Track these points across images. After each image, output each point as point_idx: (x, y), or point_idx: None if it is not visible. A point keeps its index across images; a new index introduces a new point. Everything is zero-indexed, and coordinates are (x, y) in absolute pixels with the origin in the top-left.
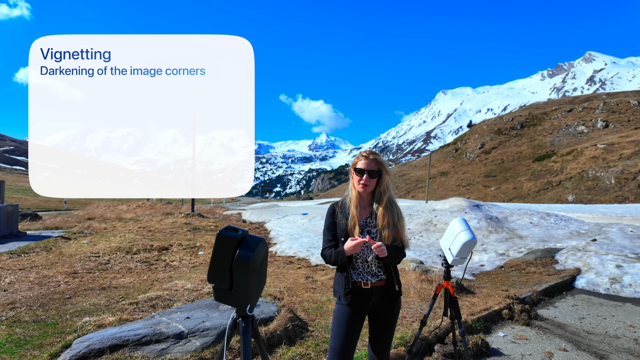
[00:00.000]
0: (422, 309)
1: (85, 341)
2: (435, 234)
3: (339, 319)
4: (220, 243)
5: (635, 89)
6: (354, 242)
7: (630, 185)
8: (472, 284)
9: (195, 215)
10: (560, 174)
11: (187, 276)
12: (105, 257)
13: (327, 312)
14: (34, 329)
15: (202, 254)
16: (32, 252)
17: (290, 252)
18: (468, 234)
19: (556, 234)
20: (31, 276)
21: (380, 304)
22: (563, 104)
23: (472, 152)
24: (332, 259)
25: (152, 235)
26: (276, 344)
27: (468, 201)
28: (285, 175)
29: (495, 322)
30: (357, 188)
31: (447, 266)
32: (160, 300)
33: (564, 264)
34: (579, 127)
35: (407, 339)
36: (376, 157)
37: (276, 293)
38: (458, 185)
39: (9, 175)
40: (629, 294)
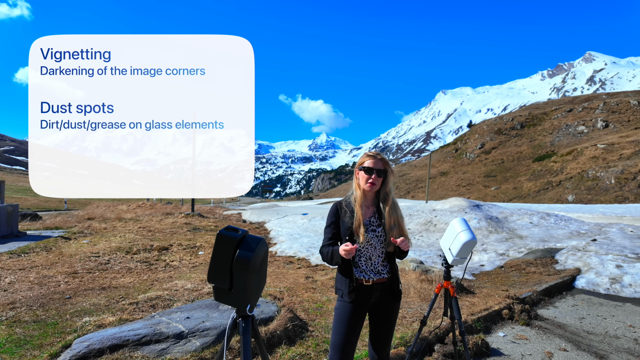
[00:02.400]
0: (422, 309)
1: (85, 341)
2: (435, 234)
3: (341, 315)
4: (220, 243)
5: (635, 89)
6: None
7: (630, 185)
8: (472, 284)
9: (195, 215)
10: (560, 174)
11: (187, 276)
12: (105, 257)
13: (327, 312)
14: (34, 329)
15: (202, 254)
16: (32, 252)
17: (290, 252)
18: (468, 234)
19: (556, 234)
20: (31, 276)
21: (381, 301)
22: (563, 104)
23: (472, 152)
24: (328, 257)
25: (152, 235)
26: (276, 344)
27: (468, 201)
28: (285, 175)
29: (495, 322)
30: (363, 187)
31: (447, 266)
32: (160, 300)
33: (564, 264)
34: (579, 127)
35: (407, 338)
36: (383, 157)
37: (276, 293)
38: (458, 185)
39: (9, 175)
40: (629, 294)
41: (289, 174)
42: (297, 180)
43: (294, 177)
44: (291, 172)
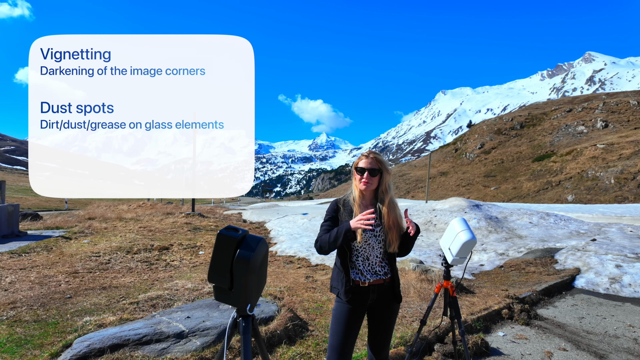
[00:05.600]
0: (422, 308)
1: (85, 340)
2: (435, 233)
3: (338, 316)
4: (221, 243)
5: (634, 89)
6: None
7: (630, 185)
8: (471, 284)
9: (196, 215)
10: (560, 174)
11: (187, 276)
12: (106, 257)
13: (327, 312)
14: (35, 329)
15: (202, 254)
16: (33, 252)
17: (290, 252)
18: (468, 234)
19: (556, 234)
20: (32, 276)
21: (379, 302)
22: (563, 104)
23: (472, 152)
24: (331, 237)
25: (152, 235)
26: (276, 343)
27: (468, 201)
28: (286, 175)
29: (494, 322)
30: (359, 187)
31: (446, 266)
32: (161, 300)
33: (563, 264)
34: (578, 127)
35: (407, 338)
36: (376, 156)
37: (276, 293)
38: (458, 185)
39: (9, 175)
40: (628, 293)
41: (289, 174)
42: (297, 180)
43: (294, 177)
44: (291, 172)
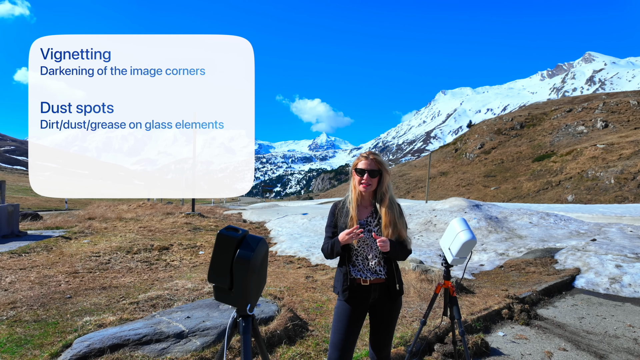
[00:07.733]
0: (422, 308)
1: (85, 340)
2: (435, 233)
3: (339, 314)
4: (221, 243)
5: (634, 89)
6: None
7: (630, 185)
8: (471, 284)
9: (196, 215)
10: (560, 174)
11: (187, 276)
12: (106, 257)
13: (327, 312)
14: (35, 329)
15: (202, 254)
16: (33, 252)
17: (290, 252)
18: (468, 234)
19: (556, 234)
20: (32, 276)
21: (380, 301)
22: (563, 104)
23: (472, 152)
24: (329, 250)
25: (152, 235)
26: (276, 343)
27: (468, 201)
28: (285, 175)
29: (494, 322)
30: (358, 188)
31: (446, 266)
32: (161, 300)
33: (563, 264)
34: (578, 127)
35: (407, 338)
36: (376, 157)
37: (276, 293)
38: (458, 185)
39: (9, 175)
40: (628, 293)
41: (289, 173)
42: (297, 180)
43: (294, 177)
44: (291, 172)
